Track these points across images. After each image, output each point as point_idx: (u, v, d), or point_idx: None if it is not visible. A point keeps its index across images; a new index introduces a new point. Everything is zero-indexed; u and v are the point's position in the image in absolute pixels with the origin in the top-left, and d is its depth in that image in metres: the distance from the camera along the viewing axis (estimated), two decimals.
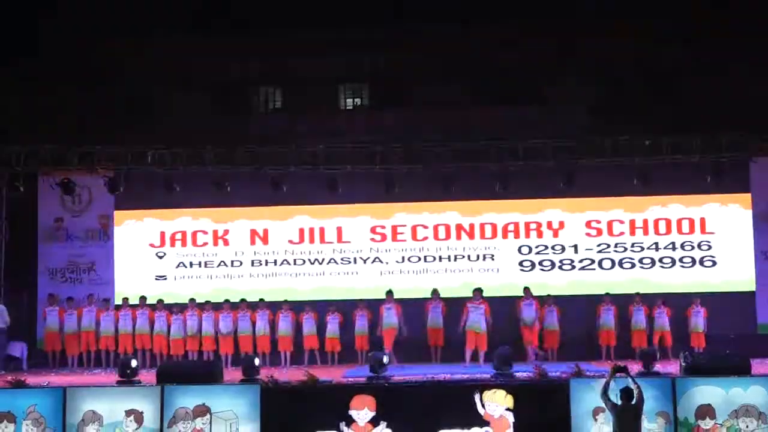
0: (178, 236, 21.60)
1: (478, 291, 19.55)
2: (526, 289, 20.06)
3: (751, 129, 19.76)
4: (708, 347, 19.55)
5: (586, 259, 21.22)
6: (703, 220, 21.13)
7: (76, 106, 22.65)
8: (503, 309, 19.98)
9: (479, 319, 19.10)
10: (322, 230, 21.50)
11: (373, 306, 20.22)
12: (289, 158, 20.19)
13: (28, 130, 21.01)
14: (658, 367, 15.27)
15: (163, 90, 23.82)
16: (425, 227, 21.43)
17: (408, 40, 23.34)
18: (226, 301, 20.52)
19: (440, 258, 21.32)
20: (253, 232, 21.57)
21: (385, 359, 15.49)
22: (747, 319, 20.54)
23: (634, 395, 12.52)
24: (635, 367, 15.29)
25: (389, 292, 20.07)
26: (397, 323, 19.69)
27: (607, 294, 20.31)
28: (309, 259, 21.44)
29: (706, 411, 13.92)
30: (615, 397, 12.50)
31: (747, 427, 13.89)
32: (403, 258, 21.38)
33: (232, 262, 21.51)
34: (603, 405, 12.89)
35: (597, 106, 22.46)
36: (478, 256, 21.30)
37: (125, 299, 20.73)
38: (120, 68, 23.46)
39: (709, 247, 21.08)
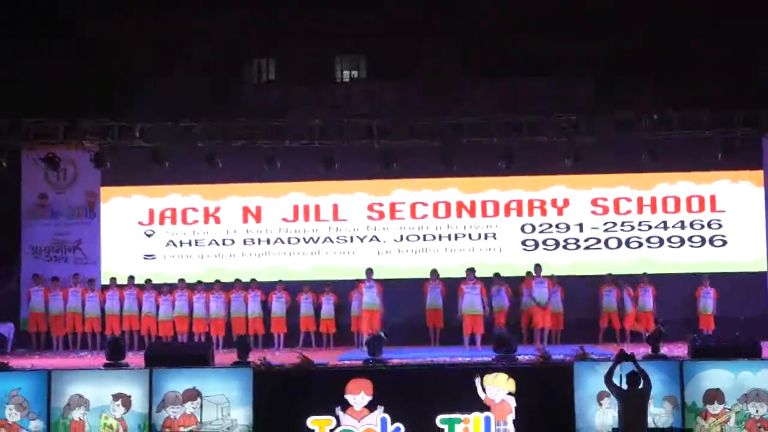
0: (168, 214, 21.62)
1: (471, 271, 19.59)
2: (538, 267, 19.97)
3: (764, 104, 19.71)
4: (717, 329, 19.60)
5: (591, 238, 21.25)
6: (713, 198, 21.15)
7: (61, 79, 22.52)
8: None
9: (475, 301, 19.14)
10: (317, 207, 21.51)
11: None
12: (283, 132, 20.13)
13: (9, 104, 20.89)
14: (664, 349, 15.34)
15: (151, 61, 23.70)
16: (425, 205, 21.44)
17: (407, 10, 23.23)
18: (217, 281, 20.56)
19: (440, 237, 21.34)
20: (246, 210, 21.58)
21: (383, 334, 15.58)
22: (758, 300, 20.56)
23: (641, 380, 12.53)
24: (642, 350, 15.37)
25: (369, 270, 20.05)
26: (379, 304, 19.65)
27: (609, 275, 20.34)
28: (303, 238, 21.45)
29: (714, 395, 13.95)
30: (621, 382, 12.50)
31: (757, 411, 13.93)
32: (401, 236, 21.40)
33: (224, 240, 21.53)
34: (606, 390, 12.91)
35: (605, 78, 22.38)
36: (479, 235, 21.32)
37: (112, 279, 20.77)
38: (107, 38, 23.31)
39: (720, 226, 21.10)
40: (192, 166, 20.44)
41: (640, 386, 12.52)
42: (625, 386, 12.49)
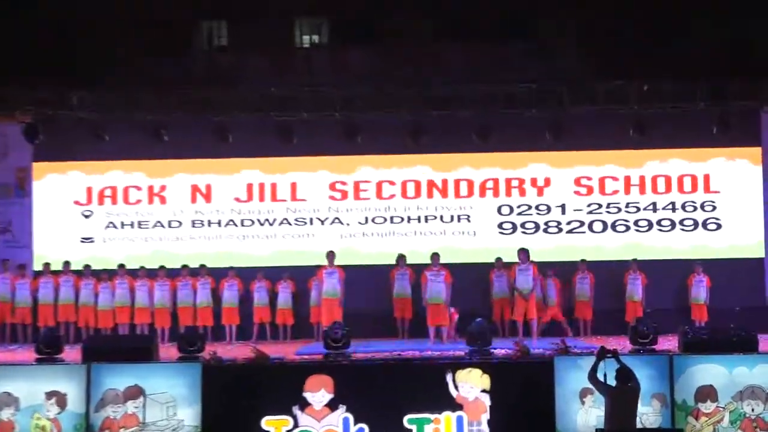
0: (108, 192, 21.47)
1: (435, 256, 19.55)
2: (522, 252, 19.81)
3: (763, 74, 19.80)
4: (710, 321, 19.74)
5: (574, 220, 21.31)
6: (707, 177, 21.24)
7: None
8: (480, 277, 20.09)
9: (439, 290, 19.11)
10: (273, 186, 21.43)
11: None
12: (236, 103, 20.08)
13: None
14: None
15: (90, 23, 23.48)
16: (392, 184, 21.42)
17: None
18: (162, 267, 20.47)
19: (409, 219, 21.34)
20: (194, 188, 21.48)
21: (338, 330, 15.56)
22: (755, 289, 20.73)
23: (632, 376, 12.54)
24: (627, 344, 15.44)
25: (330, 254, 19.98)
26: (340, 291, 19.61)
27: (583, 261, 20.45)
28: (258, 220, 21.38)
29: (707, 393, 14.03)
30: (607, 378, 12.51)
31: (752, 410, 14.03)
32: (366, 219, 21.38)
33: (170, 222, 21.42)
34: (590, 387, 12.95)
35: (590, 44, 22.42)
36: (451, 217, 21.33)
37: (46, 265, 20.63)
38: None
39: (714, 208, 21.22)
40: (135, 139, 20.42)
41: (630, 383, 12.51)
42: (614, 382, 12.49)
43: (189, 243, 21.33)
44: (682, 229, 21.21)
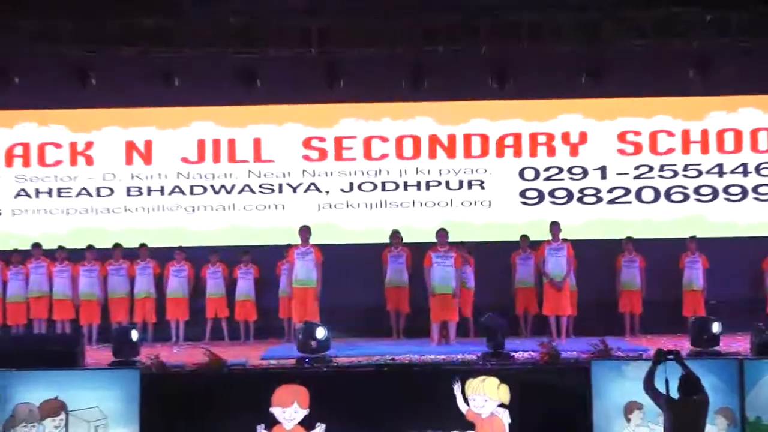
0: (18, 151, 21.51)
1: (442, 233, 19.40)
2: (554, 226, 19.79)
3: None
4: None
5: (618, 187, 21.37)
6: None
7: None
8: (497, 260, 20.15)
9: (448, 276, 19.05)
10: (231, 143, 21.48)
11: None
12: (184, 36, 20.00)
13: None
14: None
15: None
16: (384, 140, 21.46)
17: None
18: (90, 247, 20.46)
19: (406, 185, 21.38)
20: (130, 146, 21.49)
21: (320, 332, 15.51)
22: None
23: (700, 386, 12.47)
24: (686, 345, 15.43)
25: (304, 230, 19.73)
26: (316, 279, 19.47)
27: (629, 239, 20.53)
28: (213, 186, 21.41)
29: None
30: (669, 388, 12.44)
31: None
32: (351, 185, 21.43)
33: (99, 189, 21.44)
34: (637, 400, 12.96)
35: None
36: (460, 183, 21.37)
37: None
38: None
39: None
40: (54, 83, 20.38)
41: (698, 395, 12.43)
42: (677, 394, 12.42)
43: (123, 216, 21.37)
44: (756, 199, 21.28)
